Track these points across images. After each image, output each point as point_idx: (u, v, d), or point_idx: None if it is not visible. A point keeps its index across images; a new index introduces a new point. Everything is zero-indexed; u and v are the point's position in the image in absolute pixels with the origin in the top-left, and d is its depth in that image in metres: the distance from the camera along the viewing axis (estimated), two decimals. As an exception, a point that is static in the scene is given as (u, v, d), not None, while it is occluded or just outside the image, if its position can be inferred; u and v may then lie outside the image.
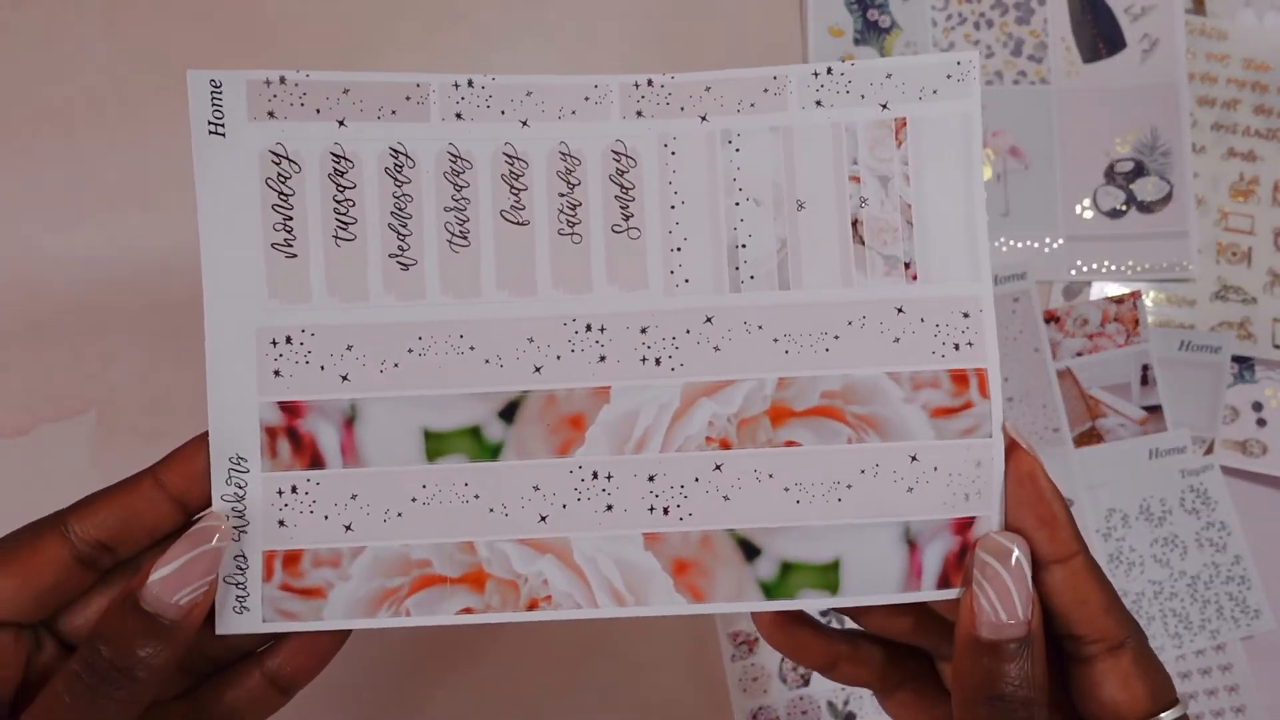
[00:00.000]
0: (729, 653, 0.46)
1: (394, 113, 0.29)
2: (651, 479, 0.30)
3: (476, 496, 0.29)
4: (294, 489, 0.29)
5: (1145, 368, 0.45)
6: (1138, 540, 0.47)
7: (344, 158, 0.29)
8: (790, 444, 0.29)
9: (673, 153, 0.30)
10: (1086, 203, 0.51)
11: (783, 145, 0.30)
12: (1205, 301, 0.50)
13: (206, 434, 0.29)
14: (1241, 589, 0.47)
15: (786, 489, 0.29)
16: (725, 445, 0.30)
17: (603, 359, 0.30)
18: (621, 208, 0.30)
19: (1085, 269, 0.50)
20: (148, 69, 0.50)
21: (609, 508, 0.29)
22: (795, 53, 0.52)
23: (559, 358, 0.30)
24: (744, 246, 0.30)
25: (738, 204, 0.30)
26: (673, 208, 0.30)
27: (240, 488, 0.29)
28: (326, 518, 0.29)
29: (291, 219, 0.29)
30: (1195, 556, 0.46)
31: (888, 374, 0.29)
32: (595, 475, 0.30)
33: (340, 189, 0.29)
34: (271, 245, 0.29)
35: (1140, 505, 0.46)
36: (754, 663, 0.46)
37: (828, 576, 0.29)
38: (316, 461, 0.29)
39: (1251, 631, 0.48)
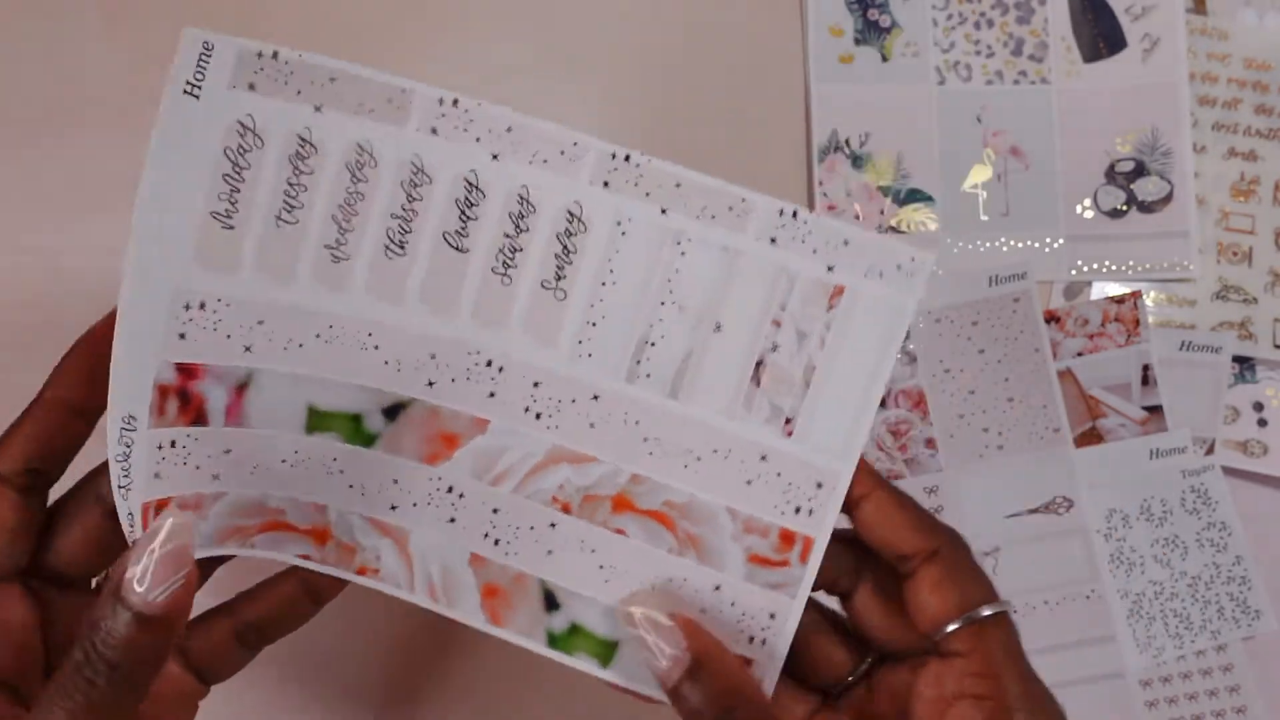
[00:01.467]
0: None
1: (372, 111, 0.29)
2: (495, 511, 0.31)
3: (341, 472, 0.31)
4: (173, 444, 0.30)
5: (1146, 368, 0.44)
6: (1138, 540, 0.47)
7: (309, 143, 0.29)
8: (619, 532, 0.31)
9: (623, 233, 0.30)
10: (1087, 202, 0.51)
11: (727, 267, 0.30)
12: (1206, 301, 0.50)
13: (83, 339, 0.30)
14: (1242, 589, 0.47)
15: (601, 566, 0.31)
16: (566, 509, 0.31)
17: (492, 395, 0.31)
18: (558, 267, 0.30)
19: (1086, 269, 0.50)
20: (147, 69, 0.50)
21: (452, 520, 0.31)
22: (795, 52, 0.52)
23: (453, 380, 0.31)
24: (653, 345, 0.30)
25: (663, 304, 0.30)
26: (603, 284, 0.30)
27: (128, 446, 0.29)
28: (198, 468, 0.30)
29: (239, 192, 0.29)
30: (1196, 557, 0.46)
31: (728, 508, 0.30)
32: (450, 490, 0.31)
33: (297, 172, 0.29)
34: (211, 213, 0.29)
35: (1141, 505, 0.46)
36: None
37: (605, 651, 0.31)
38: (199, 419, 0.30)
39: (1253, 632, 0.48)
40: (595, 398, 0.31)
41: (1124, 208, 0.51)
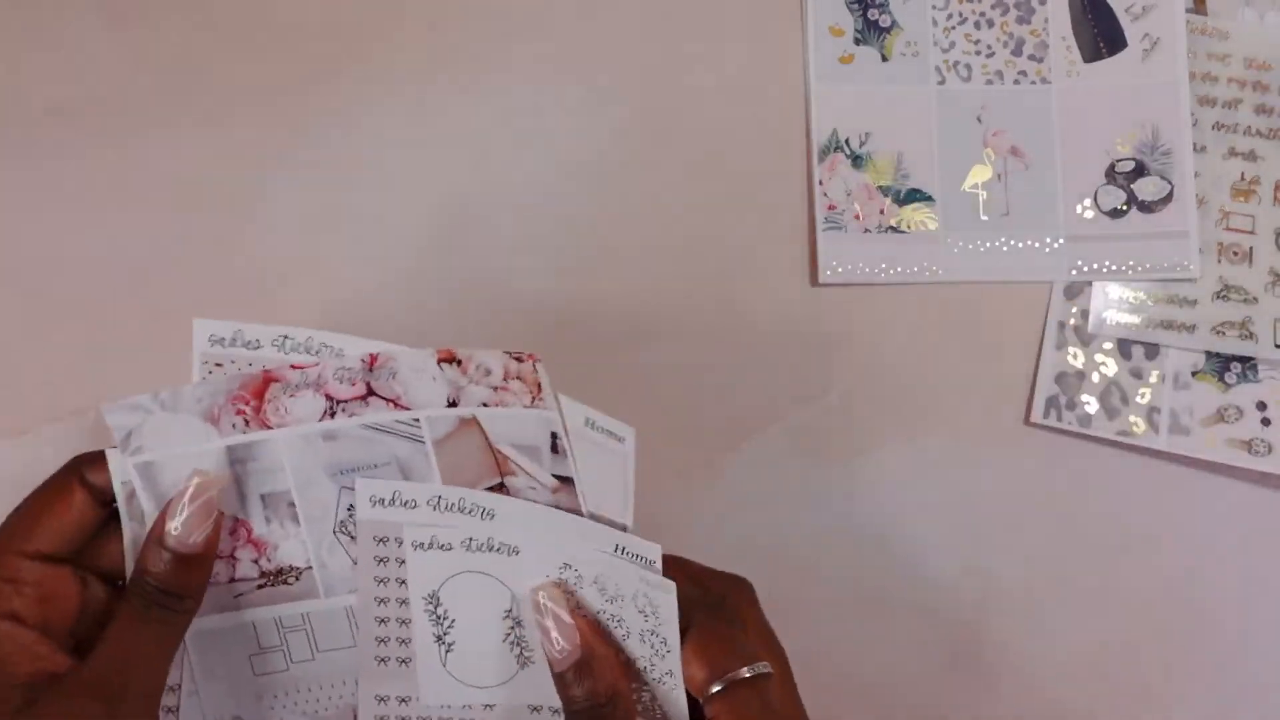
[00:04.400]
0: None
1: None
2: None
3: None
4: None
5: (554, 436, 0.38)
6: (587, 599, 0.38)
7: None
8: None
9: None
10: (1087, 202, 0.51)
11: None
12: (1206, 301, 0.50)
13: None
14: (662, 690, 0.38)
15: None
16: None
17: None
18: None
19: (1086, 269, 0.50)
20: (148, 69, 0.50)
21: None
22: (795, 52, 0.52)
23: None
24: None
25: None
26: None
27: None
28: None
29: None
30: (635, 646, 0.37)
31: None
32: None
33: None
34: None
35: (597, 577, 0.37)
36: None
37: None
38: None
39: None
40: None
41: (1124, 208, 0.51)
